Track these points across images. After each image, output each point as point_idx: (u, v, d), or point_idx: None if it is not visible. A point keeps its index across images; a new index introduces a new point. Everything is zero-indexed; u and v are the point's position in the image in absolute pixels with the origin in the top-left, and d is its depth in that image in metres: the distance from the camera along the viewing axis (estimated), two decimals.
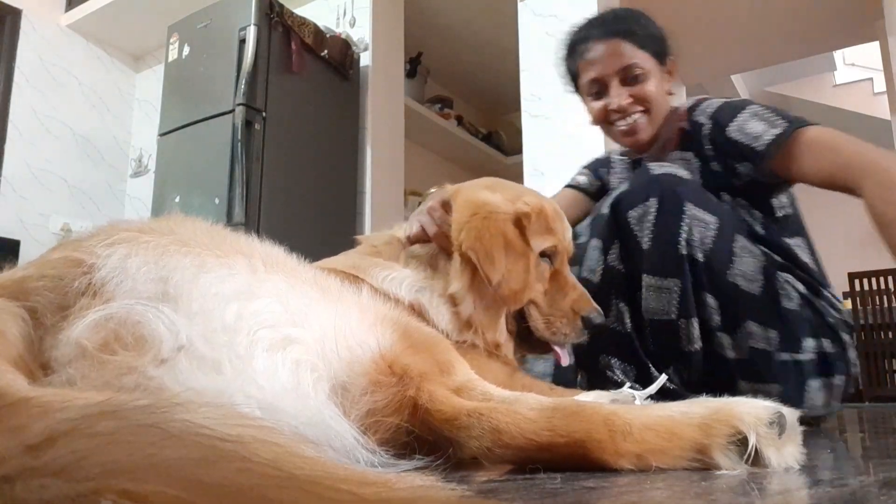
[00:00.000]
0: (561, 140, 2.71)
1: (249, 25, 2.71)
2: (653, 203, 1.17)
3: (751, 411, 0.55)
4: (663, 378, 0.99)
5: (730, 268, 1.17)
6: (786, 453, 0.56)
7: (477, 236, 0.92)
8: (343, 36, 3.20)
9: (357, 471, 0.33)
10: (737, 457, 0.55)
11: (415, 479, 0.34)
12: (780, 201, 1.34)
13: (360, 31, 3.30)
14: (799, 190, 1.30)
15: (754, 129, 1.26)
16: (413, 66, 4.03)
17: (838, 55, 6.87)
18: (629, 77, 1.37)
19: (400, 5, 3.57)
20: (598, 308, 1.02)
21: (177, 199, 2.80)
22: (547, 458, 0.57)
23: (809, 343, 1.19)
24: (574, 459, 0.57)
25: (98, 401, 0.37)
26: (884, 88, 5.00)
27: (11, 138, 3.50)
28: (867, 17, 4.28)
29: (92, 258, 0.58)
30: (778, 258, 1.27)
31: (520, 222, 0.97)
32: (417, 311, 0.92)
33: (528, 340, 1.03)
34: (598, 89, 1.42)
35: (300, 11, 3.11)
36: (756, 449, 0.54)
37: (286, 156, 2.81)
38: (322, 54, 3.00)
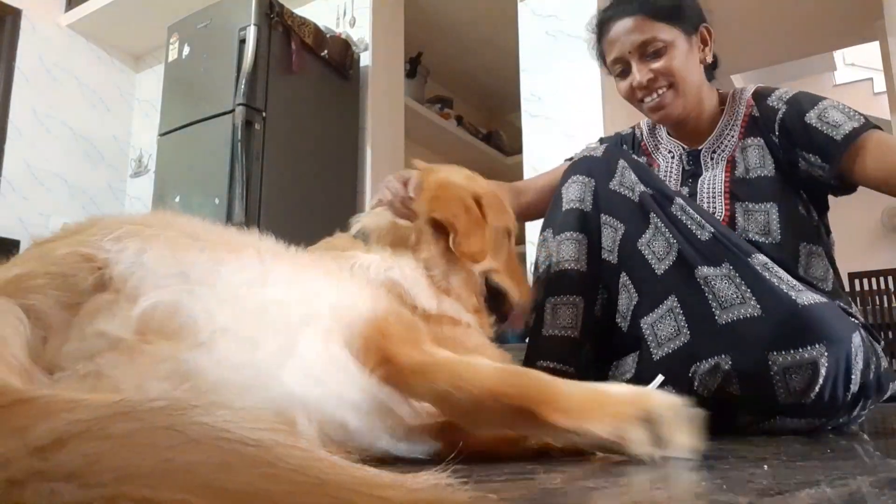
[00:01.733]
0: (561, 140, 2.71)
1: (249, 25, 2.71)
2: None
3: (664, 400, 0.67)
4: (660, 378, 0.99)
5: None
6: (684, 438, 0.66)
7: (445, 204, 1.07)
8: (343, 36, 3.20)
9: (381, 474, 0.32)
10: (647, 434, 0.64)
11: (439, 482, 0.33)
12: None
13: (360, 31, 3.30)
14: None
15: (835, 118, 1.25)
16: (413, 66, 4.03)
17: (838, 55, 6.86)
18: (649, 52, 1.34)
19: (400, 5, 3.56)
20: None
21: (177, 199, 2.80)
22: (497, 410, 0.63)
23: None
24: (520, 414, 0.63)
25: (110, 402, 0.35)
26: (884, 88, 4.99)
27: (11, 138, 3.50)
28: (867, 17, 4.28)
29: (103, 253, 0.57)
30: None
31: (478, 199, 1.13)
32: (393, 292, 0.95)
33: (495, 312, 1.16)
34: (622, 68, 1.40)
35: (300, 11, 3.11)
36: (662, 432, 0.64)
37: (286, 156, 2.81)
38: (322, 54, 3.00)
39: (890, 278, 4.15)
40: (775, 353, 0.99)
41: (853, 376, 1.01)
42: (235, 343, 0.55)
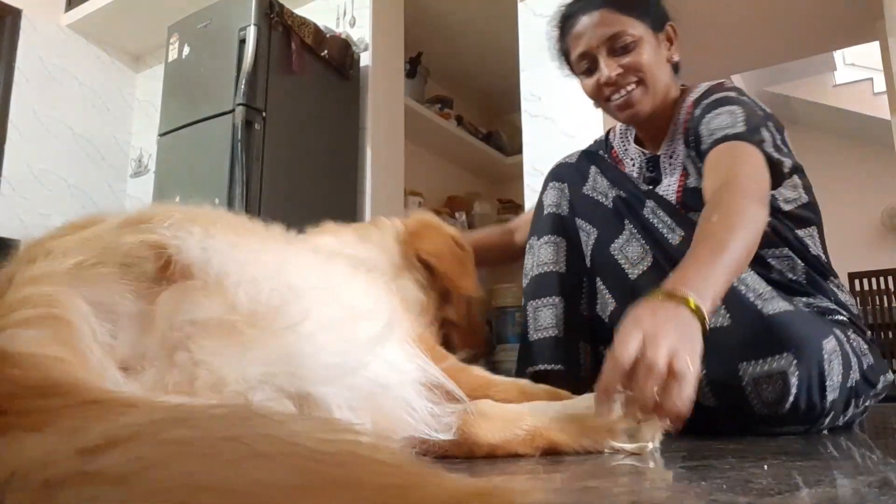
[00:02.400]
0: (561, 140, 2.71)
1: (249, 25, 2.71)
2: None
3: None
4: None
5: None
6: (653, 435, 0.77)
7: (441, 251, 1.16)
8: (343, 36, 3.20)
9: (474, 481, 0.30)
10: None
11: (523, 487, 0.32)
12: (784, 194, 1.23)
13: (360, 31, 3.30)
14: None
15: (721, 122, 1.18)
16: (413, 66, 4.03)
17: (838, 55, 6.86)
18: (617, 47, 1.29)
19: (400, 5, 3.56)
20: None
21: (177, 199, 2.80)
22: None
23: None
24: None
25: (167, 406, 0.34)
26: (884, 88, 4.99)
27: (11, 138, 3.50)
28: (867, 17, 4.28)
29: (172, 240, 0.55)
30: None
31: (457, 242, 1.22)
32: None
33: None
34: (588, 65, 1.34)
35: (300, 11, 3.11)
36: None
37: (286, 156, 2.81)
38: (322, 54, 3.00)
39: (890, 278, 4.15)
40: (745, 364, 0.99)
41: (828, 383, 0.99)
42: (331, 332, 0.57)
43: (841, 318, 1.15)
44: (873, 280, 4.22)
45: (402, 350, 0.64)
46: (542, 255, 1.32)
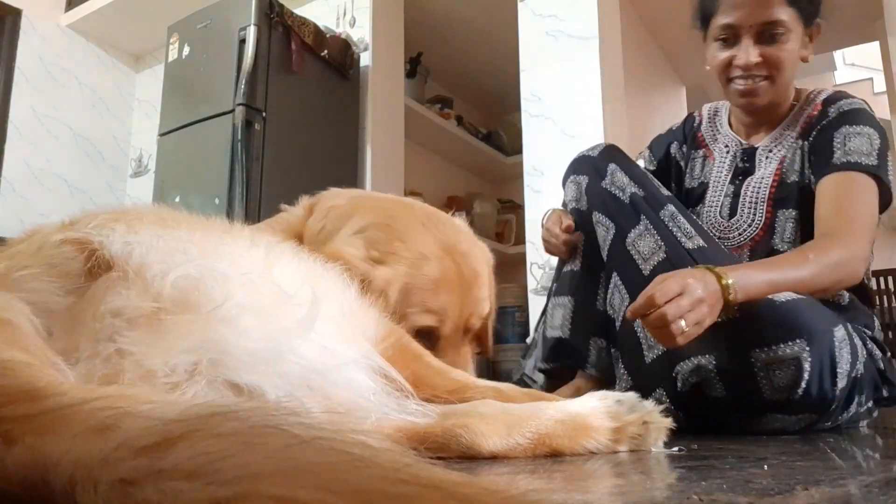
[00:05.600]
0: (561, 140, 2.71)
1: (249, 25, 2.71)
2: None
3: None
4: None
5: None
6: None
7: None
8: (343, 36, 3.20)
9: (459, 474, 0.32)
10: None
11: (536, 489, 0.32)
12: None
13: (360, 31, 3.30)
14: None
15: (855, 145, 1.20)
16: (413, 66, 4.03)
17: (838, 55, 6.86)
18: (767, 34, 1.24)
19: (400, 5, 3.56)
20: None
21: (177, 199, 2.80)
22: None
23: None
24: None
25: (191, 402, 0.35)
26: (884, 88, 4.99)
27: (11, 138, 3.50)
28: (867, 17, 4.28)
29: (94, 237, 0.57)
30: None
31: (371, 290, 0.93)
32: None
33: None
34: (728, 36, 1.27)
35: (300, 11, 3.11)
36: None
37: (286, 156, 2.81)
38: (322, 54, 3.00)
39: (890, 278, 4.14)
40: (757, 351, 0.99)
41: (839, 370, 1.01)
42: (255, 316, 0.55)
43: (866, 333, 1.18)
44: (873, 280, 4.22)
45: (337, 334, 0.62)
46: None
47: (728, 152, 1.41)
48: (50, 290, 0.53)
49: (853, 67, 7.17)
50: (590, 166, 1.33)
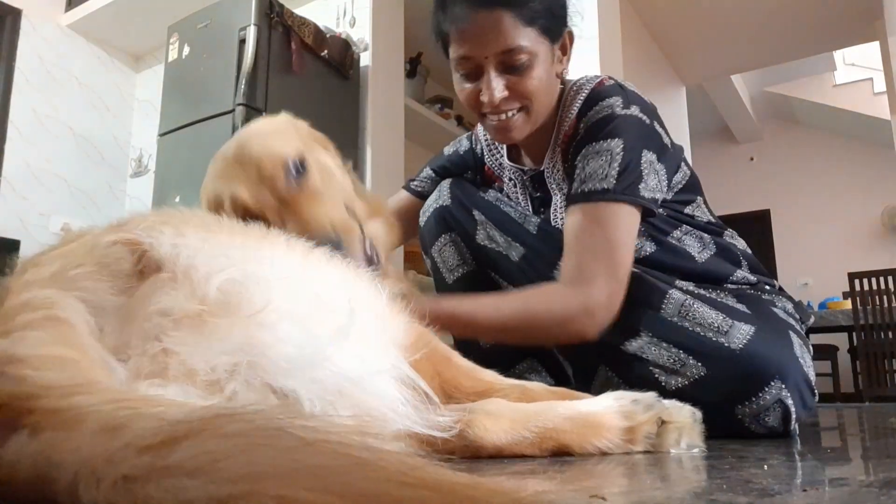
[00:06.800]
0: None
1: (249, 25, 2.71)
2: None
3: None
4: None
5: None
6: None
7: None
8: (343, 36, 3.20)
9: (496, 481, 0.32)
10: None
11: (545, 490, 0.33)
12: (674, 180, 1.21)
13: (360, 31, 3.30)
14: (800, 185, 1.28)
15: (592, 168, 1.07)
16: (413, 66, 4.03)
17: (838, 55, 6.87)
18: (509, 64, 1.09)
19: (400, 5, 3.56)
20: None
21: (177, 199, 2.80)
22: None
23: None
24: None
25: (201, 405, 0.36)
26: (884, 88, 5.00)
27: (11, 138, 3.50)
28: (867, 17, 4.28)
29: (145, 238, 0.58)
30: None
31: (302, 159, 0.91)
32: None
33: None
34: (469, 69, 1.13)
35: (300, 11, 3.11)
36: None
37: None
38: (322, 54, 3.00)
39: (890, 278, 4.15)
40: (741, 407, 0.99)
41: (811, 377, 1.03)
42: (293, 323, 0.56)
43: (769, 289, 1.19)
44: (873, 280, 4.22)
45: (371, 342, 0.62)
46: (449, 260, 1.29)
47: (515, 185, 1.31)
48: (103, 289, 0.54)
49: (853, 67, 7.18)
50: (453, 220, 1.27)
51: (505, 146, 1.34)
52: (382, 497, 0.28)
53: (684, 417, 0.76)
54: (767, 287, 1.20)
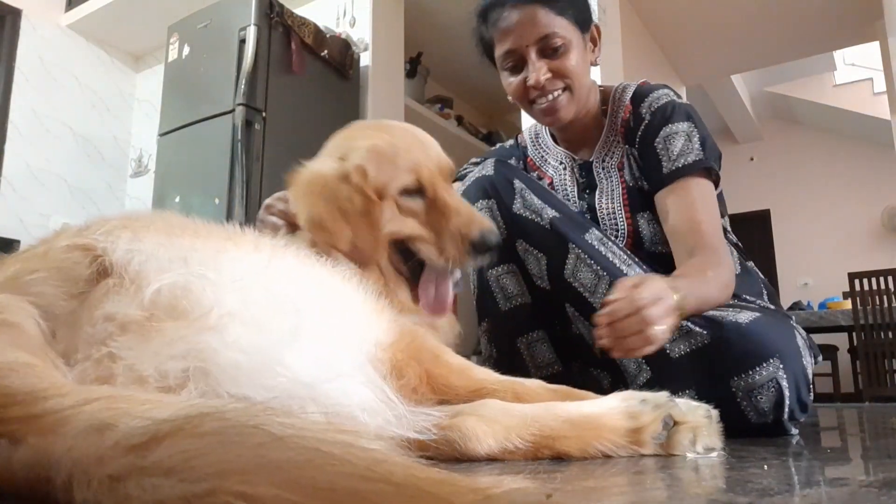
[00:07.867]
0: None
1: (249, 25, 2.71)
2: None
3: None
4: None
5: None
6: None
7: (311, 215, 0.96)
8: (343, 36, 3.20)
9: (460, 477, 0.32)
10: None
11: (520, 486, 0.33)
12: None
13: (360, 31, 3.30)
14: (800, 185, 1.29)
15: (676, 147, 1.20)
16: (413, 66, 4.03)
17: (838, 55, 6.86)
18: (548, 49, 1.23)
19: (400, 5, 3.56)
20: (489, 225, 0.97)
21: (177, 199, 2.80)
22: None
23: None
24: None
25: (189, 402, 0.37)
26: (884, 88, 4.99)
27: (11, 138, 3.50)
28: (867, 17, 4.28)
29: (99, 243, 0.58)
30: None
31: (350, 179, 0.95)
32: None
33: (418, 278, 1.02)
34: (514, 62, 1.27)
35: (300, 11, 3.11)
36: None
37: (286, 156, 2.80)
38: (322, 54, 3.00)
39: (890, 278, 4.15)
40: (736, 379, 0.99)
41: (809, 373, 1.03)
42: (243, 325, 0.55)
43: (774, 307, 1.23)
44: (873, 280, 4.22)
45: (335, 342, 0.60)
46: (508, 287, 1.26)
47: (564, 168, 1.38)
48: (55, 294, 0.54)
49: (853, 67, 7.17)
50: (493, 186, 1.27)
51: (549, 139, 1.44)
52: (342, 491, 0.28)
53: (698, 417, 0.71)
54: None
